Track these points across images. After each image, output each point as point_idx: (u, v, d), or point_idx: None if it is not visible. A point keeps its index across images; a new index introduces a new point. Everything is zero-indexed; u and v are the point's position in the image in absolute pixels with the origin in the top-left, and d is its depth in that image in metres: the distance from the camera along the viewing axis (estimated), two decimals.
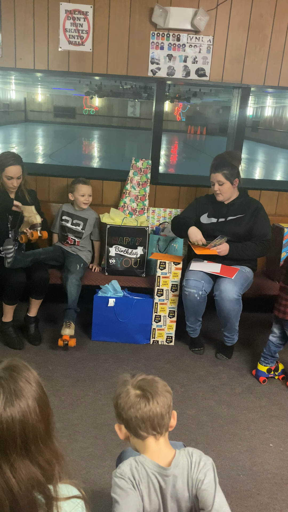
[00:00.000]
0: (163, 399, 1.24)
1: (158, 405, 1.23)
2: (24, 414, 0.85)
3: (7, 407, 0.84)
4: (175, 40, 3.21)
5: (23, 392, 0.87)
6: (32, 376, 0.91)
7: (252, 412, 2.52)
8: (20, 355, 2.88)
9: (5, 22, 3.12)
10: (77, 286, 3.00)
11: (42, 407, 0.89)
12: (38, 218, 2.95)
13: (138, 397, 1.23)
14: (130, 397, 1.24)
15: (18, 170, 2.98)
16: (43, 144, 19.55)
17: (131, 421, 1.23)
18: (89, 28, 3.15)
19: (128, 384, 1.27)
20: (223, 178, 2.94)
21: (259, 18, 3.19)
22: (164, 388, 1.27)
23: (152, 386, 1.26)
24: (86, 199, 3.24)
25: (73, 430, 2.27)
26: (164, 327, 3.15)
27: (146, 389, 1.24)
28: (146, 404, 1.22)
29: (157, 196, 3.58)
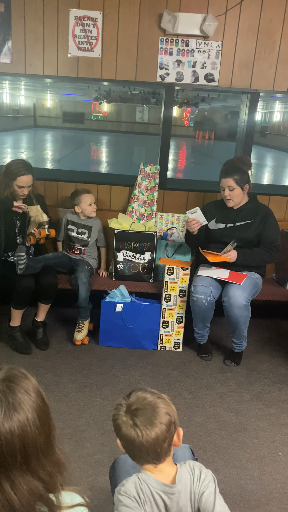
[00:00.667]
0: (155, 433, 1.14)
1: (148, 441, 1.13)
2: (24, 428, 0.82)
3: (5, 422, 0.80)
4: (184, 46, 3.21)
5: (22, 405, 0.83)
6: (31, 385, 0.87)
7: (261, 420, 2.49)
8: (27, 360, 2.88)
9: (15, 29, 3.15)
10: (86, 286, 3.01)
11: (42, 418, 0.85)
12: (44, 216, 2.96)
13: (130, 428, 1.15)
14: (122, 429, 1.16)
15: (30, 179, 2.99)
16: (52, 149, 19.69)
17: (125, 448, 1.19)
18: (98, 34, 3.17)
19: (121, 413, 1.18)
20: (234, 183, 2.92)
21: (268, 23, 3.19)
22: (162, 419, 1.15)
23: (148, 413, 1.15)
24: (94, 207, 3.26)
25: (80, 436, 2.26)
26: (171, 333, 3.13)
27: (136, 423, 1.14)
28: (139, 435, 1.13)
29: (165, 201, 3.58)
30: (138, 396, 1.20)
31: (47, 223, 2.95)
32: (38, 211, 2.97)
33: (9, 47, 3.18)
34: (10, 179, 2.97)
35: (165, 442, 1.15)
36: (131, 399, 1.20)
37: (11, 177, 2.96)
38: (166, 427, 1.15)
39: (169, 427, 1.16)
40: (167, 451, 1.18)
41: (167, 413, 1.17)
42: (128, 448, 1.19)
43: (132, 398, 1.20)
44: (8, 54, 3.20)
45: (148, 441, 1.14)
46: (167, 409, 1.18)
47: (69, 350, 3.03)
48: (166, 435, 1.15)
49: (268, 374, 2.95)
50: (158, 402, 1.18)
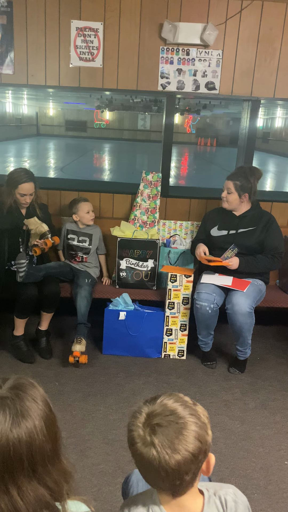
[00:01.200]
0: (177, 462, 0.87)
1: (170, 464, 0.87)
2: (31, 435, 0.83)
3: (13, 429, 0.82)
4: (184, 55, 3.23)
5: (30, 412, 0.84)
6: (38, 394, 0.88)
7: (266, 428, 2.47)
8: (31, 369, 2.88)
9: (17, 41, 3.18)
10: (86, 301, 3.00)
11: (49, 427, 0.87)
12: (44, 226, 2.97)
13: (145, 446, 0.89)
14: (138, 440, 0.91)
15: (31, 187, 3.01)
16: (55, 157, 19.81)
17: (138, 466, 0.95)
18: (100, 44, 3.20)
19: (139, 419, 0.93)
20: (233, 187, 2.96)
21: (269, 31, 3.21)
22: (190, 446, 0.88)
23: (171, 433, 0.88)
24: (91, 215, 3.27)
25: (84, 446, 2.25)
26: (175, 341, 3.12)
27: (155, 443, 0.88)
28: (155, 458, 0.88)
29: (167, 209, 3.59)
30: (164, 405, 0.93)
31: (49, 232, 2.96)
32: (37, 223, 2.98)
33: (11, 58, 3.21)
34: (12, 187, 2.99)
35: (187, 474, 0.89)
36: (154, 407, 0.93)
37: (13, 185, 2.98)
38: (192, 457, 0.88)
39: (197, 456, 0.89)
40: (189, 483, 0.92)
41: (198, 438, 0.90)
42: (140, 468, 0.95)
43: (155, 406, 0.93)
44: (10, 65, 3.23)
45: (166, 469, 0.88)
46: (198, 433, 0.90)
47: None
48: (190, 466, 0.89)
49: (273, 381, 2.93)
50: (188, 421, 0.91)
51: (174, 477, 0.89)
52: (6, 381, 0.89)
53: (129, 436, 0.95)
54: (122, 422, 2.44)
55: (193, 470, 0.90)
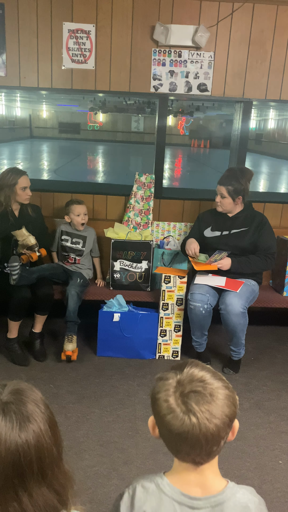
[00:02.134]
0: (216, 427, 0.89)
1: (205, 436, 0.89)
2: (38, 438, 0.82)
3: (21, 433, 0.81)
4: (176, 57, 3.25)
5: (34, 416, 0.83)
6: (39, 397, 0.88)
7: (260, 428, 2.48)
8: (25, 372, 2.87)
9: (9, 43, 3.18)
10: (76, 298, 2.99)
11: (53, 429, 0.86)
12: (32, 239, 2.95)
13: (181, 415, 0.89)
14: (170, 414, 0.90)
15: (28, 179, 3.06)
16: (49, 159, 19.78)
17: (166, 438, 0.94)
18: (92, 46, 3.21)
19: (170, 391, 0.91)
20: (226, 192, 2.96)
21: (260, 34, 3.23)
22: (225, 411, 0.90)
23: (206, 405, 0.89)
24: (82, 218, 3.26)
25: (79, 448, 2.24)
26: (170, 342, 3.13)
27: (193, 411, 0.88)
28: (190, 431, 0.88)
29: (161, 210, 3.59)
30: (192, 374, 0.93)
31: (36, 245, 2.96)
32: (25, 235, 2.96)
33: (3, 60, 3.21)
34: (11, 186, 2.97)
35: (223, 439, 0.92)
36: (183, 376, 0.92)
37: (11, 183, 2.97)
38: (228, 421, 0.91)
39: (232, 419, 0.92)
40: (217, 452, 0.95)
41: (232, 402, 0.92)
42: (169, 439, 0.93)
43: (184, 375, 0.93)
44: (2, 67, 3.23)
45: (206, 435, 0.89)
46: (232, 396, 0.93)
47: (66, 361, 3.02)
48: (226, 430, 0.92)
49: (267, 381, 2.94)
50: (220, 386, 0.92)
51: (213, 443, 0.90)
52: (4, 387, 0.88)
53: (158, 406, 0.92)
54: (117, 424, 2.44)
55: (228, 435, 0.93)
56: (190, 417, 0.88)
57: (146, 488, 0.97)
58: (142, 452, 2.23)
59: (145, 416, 2.50)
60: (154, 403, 0.95)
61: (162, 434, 0.95)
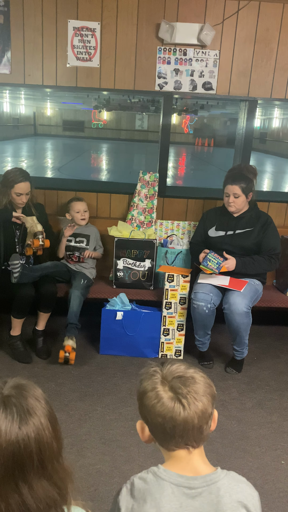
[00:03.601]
0: (203, 404, 0.99)
1: (196, 414, 0.98)
2: (39, 432, 0.84)
3: (22, 426, 0.83)
4: (181, 55, 3.24)
5: (35, 410, 0.86)
6: (40, 393, 0.90)
7: (263, 428, 2.47)
8: (28, 369, 2.87)
9: (14, 40, 3.18)
10: (78, 300, 2.99)
11: (53, 424, 0.88)
12: (39, 226, 2.96)
13: (171, 400, 0.98)
14: (160, 401, 0.99)
15: (27, 186, 3.02)
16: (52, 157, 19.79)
17: (158, 428, 1.01)
18: (97, 44, 3.20)
19: (157, 382, 1.02)
20: (240, 191, 2.93)
21: (265, 32, 3.22)
22: (207, 390, 1.01)
23: (190, 387, 1.00)
24: (82, 215, 3.26)
25: (81, 446, 2.25)
26: (172, 341, 3.12)
27: (181, 393, 0.98)
28: (181, 413, 0.97)
29: (164, 209, 3.59)
30: (172, 367, 1.04)
31: (41, 233, 2.94)
32: (34, 222, 2.98)
33: (8, 57, 3.21)
34: (8, 188, 2.99)
35: (210, 418, 1.01)
36: (164, 370, 1.04)
37: (9, 185, 2.98)
38: (212, 399, 1.02)
39: (214, 398, 1.03)
40: (205, 437, 1.03)
41: (209, 384, 1.04)
42: (161, 429, 1.00)
43: (165, 371, 1.04)
44: (7, 64, 3.23)
45: (196, 413, 0.98)
46: (207, 378, 1.05)
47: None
48: (211, 409, 1.01)
49: (269, 381, 2.93)
50: (197, 374, 1.04)
51: (202, 421, 0.99)
52: (5, 383, 0.90)
53: (150, 398, 1.01)
54: (119, 422, 2.44)
55: (208, 422, 1.02)
56: (180, 398, 0.98)
57: (144, 479, 1.02)
58: (144, 451, 2.23)
59: None
60: (142, 398, 1.03)
61: (153, 428, 1.02)
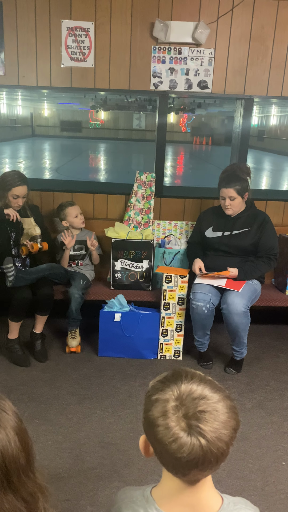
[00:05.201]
0: (226, 443, 0.82)
1: (217, 451, 0.81)
2: (4, 445, 0.81)
3: None
4: (176, 54, 3.21)
5: (1, 423, 0.82)
6: (7, 405, 0.87)
7: (263, 429, 2.45)
8: (26, 372, 2.85)
9: (7, 41, 3.16)
10: (79, 300, 3.00)
11: (21, 437, 0.85)
12: (37, 230, 2.95)
13: (187, 437, 0.80)
14: (175, 440, 0.81)
15: (25, 190, 3.01)
16: (50, 158, 19.75)
17: (168, 460, 0.84)
18: (91, 44, 3.18)
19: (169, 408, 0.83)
20: (235, 193, 2.89)
21: (261, 30, 3.19)
22: (231, 423, 0.83)
23: (212, 422, 0.81)
24: (80, 218, 3.25)
25: (80, 450, 2.23)
26: (171, 342, 3.10)
27: (203, 428, 0.80)
28: (198, 452, 0.80)
29: (162, 209, 3.57)
30: (192, 391, 0.84)
31: (39, 236, 2.95)
32: (31, 224, 2.97)
33: (2, 59, 3.19)
34: (5, 190, 2.97)
35: (223, 457, 0.84)
36: (181, 393, 0.84)
37: (6, 188, 2.96)
38: (235, 433, 0.85)
39: (237, 431, 0.86)
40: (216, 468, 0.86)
41: (235, 412, 0.86)
42: (170, 461, 0.84)
43: (183, 393, 0.84)
44: (1, 66, 3.20)
45: (217, 455, 0.82)
46: (233, 407, 0.86)
47: (68, 361, 3.01)
48: (230, 444, 0.85)
49: (269, 381, 2.91)
50: (221, 397, 0.85)
51: (222, 460, 0.84)
52: None
53: (162, 434, 0.82)
54: (118, 425, 2.42)
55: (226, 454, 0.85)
56: (199, 439, 0.80)
57: None
58: None
59: None
60: (150, 427, 0.85)
61: (163, 458, 0.86)
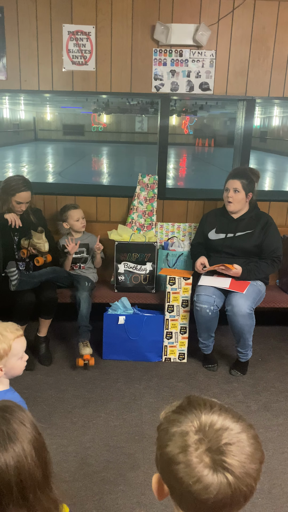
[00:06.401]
0: (254, 479, 0.74)
1: (248, 484, 0.73)
2: (20, 459, 0.79)
3: (0, 453, 0.78)
4: (177, 56, 3.22)
5: (18, 435, 0.80)
6: (26, 417, 0.84)
7: (269, 431, 2.44)
8: (30, 376, 2.85)
9: (9, 46, 3.17)
10: (88, 302, 2.99)
11: (38, 451, 0.82)
12: (46, 246, 2.99)
13: (212, 476, 0.71)
14: (199, 481, 0.71)
15: (29, 195, 3.03)
16: (53, 162, 19.80)
17: (187, 500, 0.74)
18: (92, 48, 3.19)
19: (191, 449, 0.73)
20: (240, 186, 2.93)
21: (261, 31, 3.19)
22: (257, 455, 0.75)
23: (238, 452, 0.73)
24: (82, 222, 3.25)
25: (85, 453, 2.22)
26: (176, 344, 3.09)
27: (230, 463, 0.72)
28: (223, 486, 0.71)
29: (165, 211, 3.56)
30: (213, 423, 0.76)
31: (46, 253, 3.01)
32: (42, 239, 2.99)
33: (4, 64, 3.20)
34: (9, 195, 2.98)
35: (251, 495, 0.76)
36: (202, 427, 0.75)
37: (10, 193, 2.97)
38: (261, 466, 0.76)
39: (262, 465, 0.77)
40: None
41: (259, 442, 0.78)
42: (188, 501, 0.74)
43: (204, 426, 0.76)
44: (3, 71, 3.22)
45: (245, 493, 0.73)
46: (256, 436, 0.79)
47: (72, 365, 3.00)
48: (259, 478, 0.76)
49: (275, 382, 2.90)
50: (244, 427, 0.78)
51: (248, 496, 0.75)
52: None
53: (183, 472, 0.72)
54: (123, 428, 2.41)
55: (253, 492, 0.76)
56: (227, 476, 0.71)
57: None
58: (149, 457, 2.20)
59: (152, 420, 2.47)
60: (168, 465, 0.74)
61: (183, 502, 0.74)
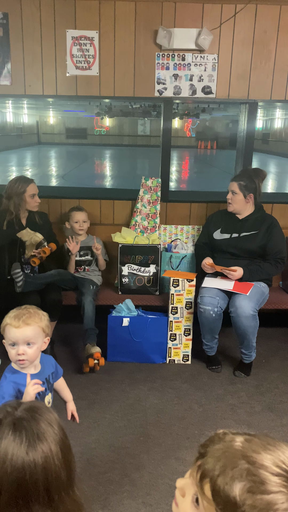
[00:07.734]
0: None
1: None
2: (47, 459, 0.79)
3: (29, 451, 0.78)
4: (180, 60, 3.25)
5: (46, 435, 0.81)
6: (54, 418, 0.85)
7: (273, 432, 2.45)
8: None
9: (14, 52, 3.21)
10: (92, 305, 3.01)
11: (64, 452, 0.83)
12: (38, 235, 3.00)
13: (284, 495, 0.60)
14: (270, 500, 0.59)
15: (36, 187, 3.11)
16: (56, 165, 19.89)
17: None
18: (95, 52, 3.22)
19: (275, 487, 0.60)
20: (237, 188, 2.96)
21: (263, 34, 3.22)
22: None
23: None
24: (81, 225, 3.27)
25: (90, 454, 2.24)
26: (180, 346, 3.11)
27: None
28: None
29: (168, 214, 3.59)
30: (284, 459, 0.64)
31: (44, 240, 2.99)
32: (30, 233, 3.00)
33: (8, 69, 3.24)
34: (20, 193, 3.02)
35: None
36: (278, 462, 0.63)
37: (20, 191, 3.02)
38: None
39: None
40: None
41: None
42: None
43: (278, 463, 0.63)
44: (8, 76, 3.26)
45: None
46: None
47: (77, 366, 3.02)
48: None
49: (279, 383, 2.91)
50: None
51: None
52: (21, 404, 0.86)
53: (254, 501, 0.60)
54: (128, 429, 2.43)
55: None
56: None
57: None
58: (154, 458, 2.21)
59: (156, 421, 2.49)
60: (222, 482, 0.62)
61: None
